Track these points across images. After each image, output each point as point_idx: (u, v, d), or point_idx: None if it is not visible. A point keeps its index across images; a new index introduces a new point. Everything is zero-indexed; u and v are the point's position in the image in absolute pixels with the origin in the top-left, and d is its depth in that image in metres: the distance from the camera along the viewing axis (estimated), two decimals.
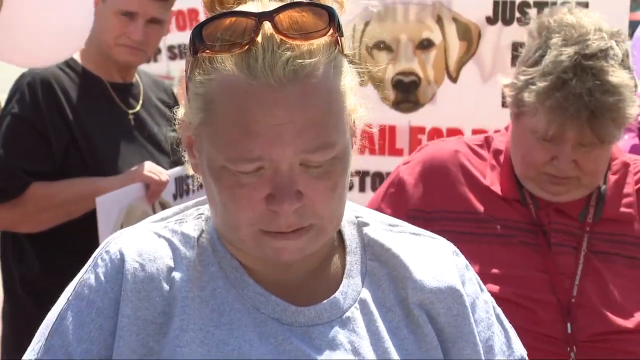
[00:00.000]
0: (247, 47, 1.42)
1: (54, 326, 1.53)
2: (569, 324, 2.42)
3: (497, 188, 2.54)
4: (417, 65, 3.68)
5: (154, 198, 3.33)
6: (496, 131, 2.69)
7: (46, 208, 3.29)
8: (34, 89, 3.31)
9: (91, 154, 3.34)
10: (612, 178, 2.57)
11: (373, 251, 1.62)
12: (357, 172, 3.65)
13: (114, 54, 3.44)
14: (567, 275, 2.46)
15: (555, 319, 2.43)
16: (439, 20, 3.66)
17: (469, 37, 3.67)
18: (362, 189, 3.72)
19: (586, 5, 3.48)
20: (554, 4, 3.50)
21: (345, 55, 1.49)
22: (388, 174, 3.64)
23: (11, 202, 3.27)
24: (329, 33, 1.45)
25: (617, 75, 2.39)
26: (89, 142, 3.34)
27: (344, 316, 1.54)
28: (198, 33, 1.45)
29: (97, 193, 3.28)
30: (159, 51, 4.68)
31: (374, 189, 3.68)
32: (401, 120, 3.68)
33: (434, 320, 1.59)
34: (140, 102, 3.56)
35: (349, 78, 1.48)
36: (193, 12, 5.29)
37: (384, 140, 3.67)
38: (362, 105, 1.53)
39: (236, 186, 1.45)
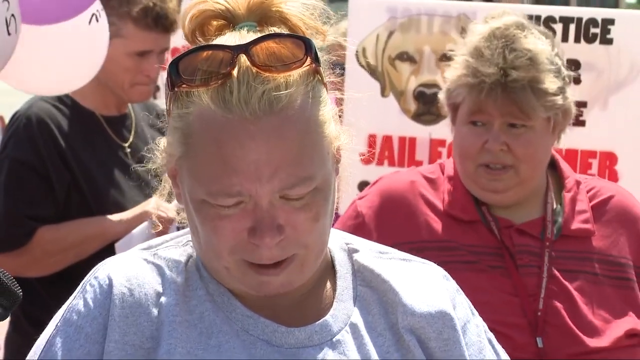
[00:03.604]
0: (223, 80, 1.42)
1: (42, 352, 1.53)
2: (538, 339, 2.40)
3: (456, 212, 2.53)
4: (439, 78, 3.65)
5: (162, 235, 3.29)
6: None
7: (54, 252, 3.25)
8: (30, 132, 3.26)
9: (92, 193, 3.30)
10: (567, 196, 2.57)
11: (363, 277, 1.61)
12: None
13: (129, 95, 3.40)
14: (536, 297, 2.46)
15: (528, 341, 2.42)
16: (463, 33, 3.64)
17: None
18: None
19: (612, 22, 3.45)
20: (580, 18, 3.47)
21: (324, 84, 1.49)
22: None
23: (18, 250, 3.23)
24: (307, 63, 1.45)
25: (531, 42, 2.45)
26: (89, 181, 3.30)
27: (334, 339, 1.54)
28: (175, 67, 1.45)
29: (104, 233, 3.25)
30: (157, 88, 4.64)
31: None
32: (422, 132, 3.65)
33: (424, 344, 1.58)
34: (133, 132, 3.51)
35: (328, 107, 1.48)
36: None
37: (403, 152, 3.64)
38: (345, 132, 1.53)
39: (217, 218, 1.45)
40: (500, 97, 2.44)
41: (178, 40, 3.73)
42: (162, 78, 4.24)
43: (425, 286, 1.63)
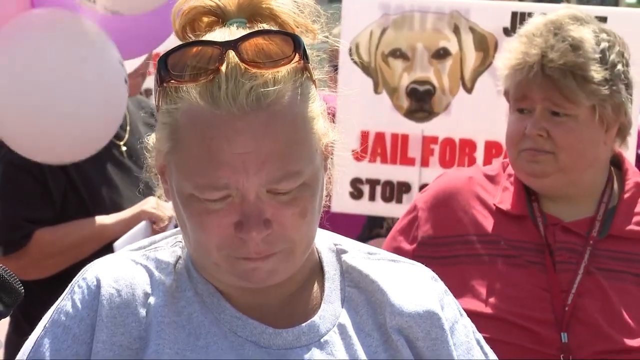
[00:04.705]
0: (211, 76, 1.42)
1: (30, 353, 1.53)
2: (563, 334, 2.40)
3: (506, 206, 2.55)
4: (432, 74, 3.66)
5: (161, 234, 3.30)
6: None
7: (53, 254, 3.25)
8: None
9: (89, 193, 3.30)
10: (625, 196, 2.57)
11: (352, 278, 1.62)
12: (368, 180, 3.63)
13: None
14: (568, 293, 2.46)
15: (553, 336, 2.43)
16: (456, 30, 3.64)
17: (486, 47, 3.64)
18: (372, 197, 3.70)
19: (604, 20, 3.45)
20: None
21: (313, 81, 1.50)
22: (399, 182, 3.63)
23: (17, 252, 3.23)
24: (295, 60, 1.45)
25: (578, 30, 2.47)
26: (85, 182, 3.30)
27: (322, 340, 1.54)
28: (163, 63, 1.46)
29: (102, 233, 3.24)
30: (150, 91, 4.64)
31: (384, 198, 3.66)
32: (414, 129, 3.65)
33: (412, 344, 1.58)
34: (128, 131, 3.51)
35: (317, 104, 1.49)
36: None
37: (396, 149, 3.64)
38: (334, 129, 1.53)
39: (204, 213, 1.45)
40: (540, 79, 2.45)
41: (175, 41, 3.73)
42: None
43: (414, 287, 1.63)
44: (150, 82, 4.40)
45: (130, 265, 1.55)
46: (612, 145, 2.57)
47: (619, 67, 2.51)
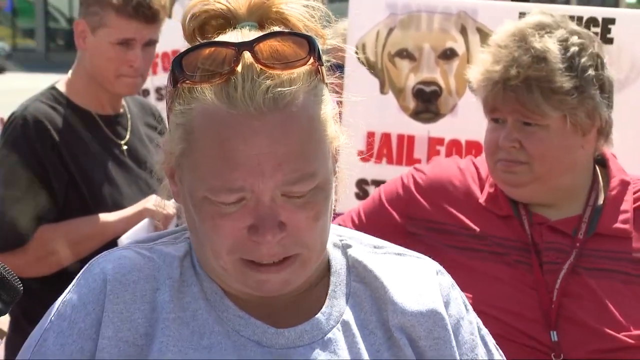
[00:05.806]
0: (226, 76, 1.41)
1: (35, 347, 1.52)
2: (552, 332, 2.41)
3: (492, 206, 2.57)
4: (439, 75, 3.64)
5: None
6: None
7: (54, 251, 3.25)
8: (27, 132, 3.26)
9: (90, 191, 3.30)
10: (610, 195, 2.58)
11: (357, 272, 1.61)
12: (373, 182, 3.62)
13: (115, 88, 3.39)
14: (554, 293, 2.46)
15: (543, 336, 2.43)
16: (463, 31, 3.62)
17: None
18: None
19: (613, 21, 3.44)
20: (580, 18, 3.45)
21: (325, 83, 1.49)
22: None
23: (19, 249, 3.23)
24: (310, 62, 1.45)
25: (543, 41, 2.47)
26: (86, 180, 3.30)
27: (325, 337, 1.53)
28: (178, 63, 1.45)
29: (104, 231, 3.25)
30: (147, 92, 4.64)
31: None
32: (420, 130, 3.64)
33: (414, 343, 1.58)
34: (129, 130, 3.51)
35: (329, 106, 1.49)
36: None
37: (402, 150, 3.63)
38: (344, 133, 1.53)
39: (218, 216, 1.44)
40: (504, 94, 2.47)
41: (169, 44, 3.72)
42: (152, 81, 4.25)
43: (418, 283, 1.63)
44: (159, 80, 4.40)
45: (138, 259, 1.54)
46: (594, 146, 2.58)
47: (590, 71, 2.50)
